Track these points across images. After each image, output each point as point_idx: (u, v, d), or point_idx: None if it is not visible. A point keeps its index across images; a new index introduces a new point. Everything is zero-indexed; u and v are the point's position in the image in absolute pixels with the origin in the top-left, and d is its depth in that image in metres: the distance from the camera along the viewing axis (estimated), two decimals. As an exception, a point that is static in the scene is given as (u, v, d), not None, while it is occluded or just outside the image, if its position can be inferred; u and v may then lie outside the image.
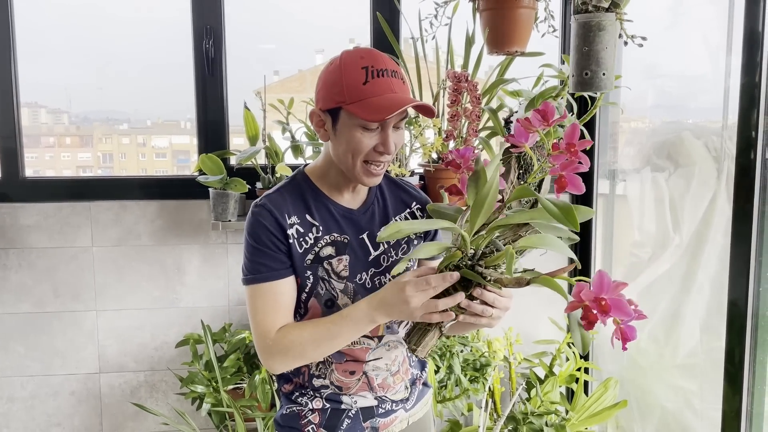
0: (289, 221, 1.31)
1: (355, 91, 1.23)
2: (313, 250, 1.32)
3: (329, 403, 1.41)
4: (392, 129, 1.27)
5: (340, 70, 1.25)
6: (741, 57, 1.67)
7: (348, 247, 1.34)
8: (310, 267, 1.32)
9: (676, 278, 2.16)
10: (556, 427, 2.10)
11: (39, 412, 2.41)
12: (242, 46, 2.50)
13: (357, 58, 1.25)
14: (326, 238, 1.33)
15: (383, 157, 1.28)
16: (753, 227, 1.67)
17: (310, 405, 1.41)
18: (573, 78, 1.47)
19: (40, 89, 2.91)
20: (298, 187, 1.36)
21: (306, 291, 1.34)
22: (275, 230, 1.29)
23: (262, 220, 1.30)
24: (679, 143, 2.18)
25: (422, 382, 1.52)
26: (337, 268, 1.34)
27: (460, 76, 2.02)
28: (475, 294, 1.15)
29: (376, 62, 1.24)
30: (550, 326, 2.44)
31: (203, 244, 2.40)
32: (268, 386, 2.13)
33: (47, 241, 2.33)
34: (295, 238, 1.31)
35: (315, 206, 1.34)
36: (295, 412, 1.42)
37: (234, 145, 2.46)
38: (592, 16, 1.42)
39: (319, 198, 1.35)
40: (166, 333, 2.42)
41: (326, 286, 1.33)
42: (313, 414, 1.41)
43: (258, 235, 1.30)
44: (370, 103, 1.22)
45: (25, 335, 2.36)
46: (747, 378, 1.71)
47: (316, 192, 1.35)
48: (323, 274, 1.33)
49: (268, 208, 1.31)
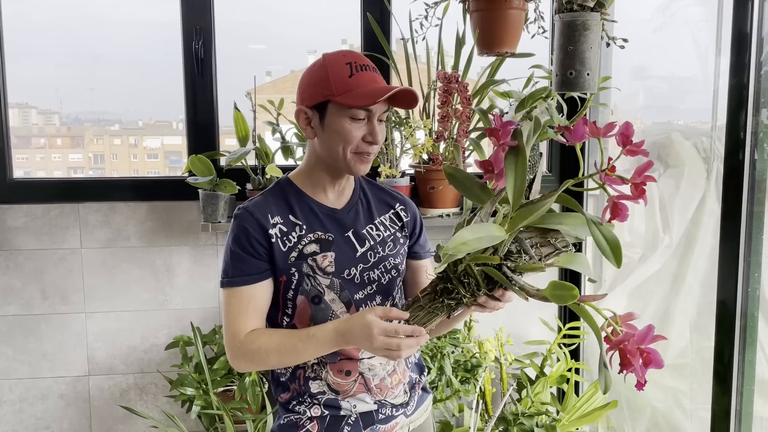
0: (272, 221, 1.34)
1: (342, 84, 1.29)
2: (296, 248, 1.35)
3: (328, 410, 1.40)
4: (377, 121, 1.33)
5: (325, 67, 1.32)
6: (730, 58, 1.68)
7: (333, 244, 1.36)
8: (294, 264, 1.35)
9: (666, 278, 2.17)
10: (546, 428, 2.10)
11: (27, 415, 2.39)
12: (233, 46, 2.49)
13: (340, 56, 1.32)
14: (310, 236, 1.36)
15: (371, 147, 1.33)
16: (742, 228, 1.67)
17: (308, 413, 1.40)
18: (557, 77, 1.47)
19: (30, 90, 2.89)
20: (281, 191, 1.40)
21: (292, 288, 1.36)
22: (256, 232, 1.33)
23: (243, 223, 1.34)
24: (668, 144, 2.19)
25: (421, 386, 1.51)
26: (322, 264, 1.36)
27: (451, 77, 2.02)
28: (497, 295, 1.19)
29: (358, 59, 1.33)
30: (541, 327, 2.44)
31: (193, 245, 2.38)
32: (258, 388, 2.12)
33: (35, 243, 2.32)
34: (278, 237, 1.34)
35: (298, 207, 1.38)
36: (292, 421, 1.41)
37: (225, 147, 2.45)
38: (577, 15, 1.41)
39: (302, 199, 1.39)
40: (155, 335, 2.41)
41: (311, 282, 1.35)
42: (311, 422, 1.40)
43: (239, 239, 1.34)
44: (357, 93, 1.29)
45: (13, 338, 2.35)
46: (736, 378, 1.71)
47: (300, 194, 1.40)
48: (308, 271, 1.35)
49: (249, 210, 1.35)
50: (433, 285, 1.24)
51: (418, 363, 1.53)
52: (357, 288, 1.38)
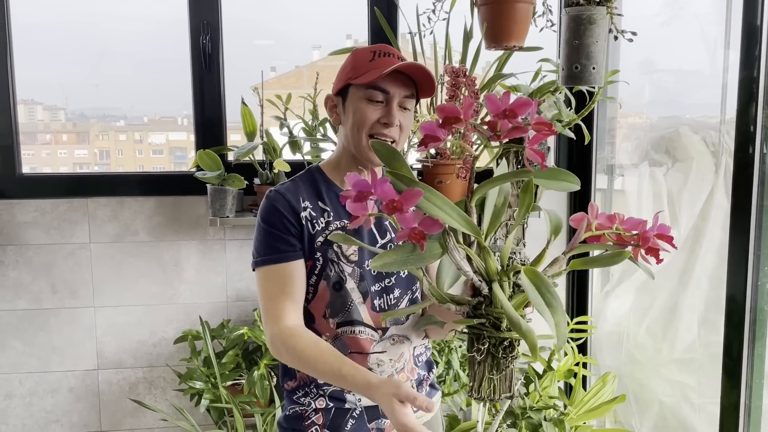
0: (302, 204, 1.36)
1: (361, 67, 1.32)
2: (324, 234, 1.36)
3: (333, 402, 1.40)
4: (398, 108, 1.34)
5: (352, 56, 1.36)
6: (739, 52, 1.67)
7: (357, 234, 1.37)
8: (320, 248, 1.36)
9: (674, 273, 2.17)
10: (554, 422, 2.10)
11: (37, 409, 2.40)
12: (239, 42, 2.50)
13: (368, 47, 1.36)
14: (336, 223, 1.37)
15: (388, 129, 1.33)
16: (751, 222, 1.67)
17: (314, 405, 1.40)
18: (563, 71, 1.47)
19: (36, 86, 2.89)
20: (311, 177, 1.42)
21: (315, 273, 1.37)
22: (289, 213, 1.34)
23: (276, 204, 1.35)
24: (676, 138, 2.18)
25: (429, 383, 1.52)
26: (347, 251, 1.37)
27: (458, 71, 2.01)
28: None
29: (385, 48, 1.36)
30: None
31: (201, 240, 2.39)
32: (267, 382, 2.12)
33: (44, 238, 2.33)
34: (308, 220, 1.36)
35: (327, 194, 1.39)
36: (298, 412, 1.42)
37: (231, 142, 2.46)
38: (583, 9, 1.42)
39: (330, 187, 1.41)
40: (164, 329, 2.42)
41: (335, 269, 1.36)
42: (316, 414, 1.40)
43: (270, 218, 1.35)
44: (372, 72, 1.30)
45: (23, 332, 2.36)
46: (745, 372, 1.71)
47: (329, 182, 1.41)
48: (333, 256, 1.36)
49: (282, 192, 1.37)
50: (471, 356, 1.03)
51: (428, 361, 1.53)
52: (374, 280, 1.39)
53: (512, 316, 0.90)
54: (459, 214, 0.91)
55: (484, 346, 0.99)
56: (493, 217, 1.00)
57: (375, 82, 1.30)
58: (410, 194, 0.86)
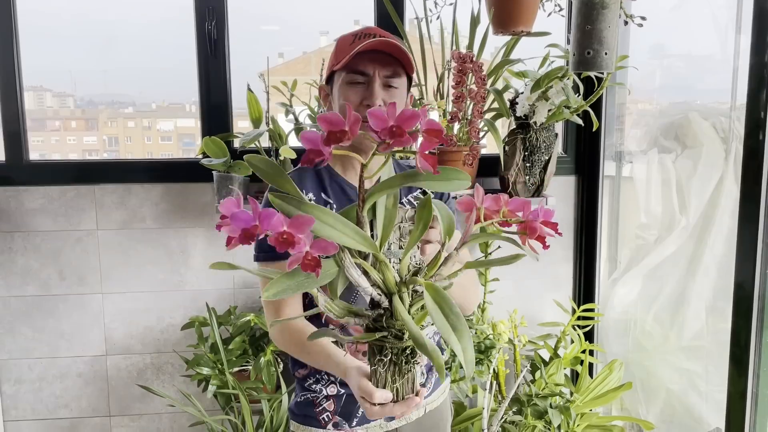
0: (306, 196, 1.36)
1: (342, 53, 1.31)
2: None
3: (344, 389, 1.40)
4: (383, 87, 1.31)
5: (336, 42, 1.36)
6: (750, 36, 1.64)
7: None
8: None
9: (682, 260, 2.15)
10: (560, 409, 2.10)
11: (47, 394, 2.43)
12: (245, 28, 2.48)
13: (352, 32, 1.34)
14: None
15: None
16: (761, 209, 1.65)
17: (325, 392, 1.41)
18: (574, 57, 1.45)
19: (45, 73, 2.90)
20: (314, 168, 1.39)
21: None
22: None
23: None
24: (686, 124, 2.16)
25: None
26: None
27: (465, 56, 2.00)
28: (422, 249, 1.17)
29: (368, 30, 1.33)
30: (555, 309, 2.43)
31: (207, 227, 2.40)
32: (273, 368, 2.13)
33: (52, 224, 2.34)
34: None
35: (330, 185, 1.39)
36: (309, 399, 1.42)
37: (239, 129, 2.45)
38: (596, -7, 1.39)
39: (333, 177, 1.40)
40: (171, 316, 2.43)
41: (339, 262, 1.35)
42: (327, 401, 1.41)
43: None
44: (350, 57, 1.29)
45: (32, 318, 2.38)
46: (753, 360, 1.70)
47: (332, 172, 1.41)
48: None
49: None
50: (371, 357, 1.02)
51: (438, 346, 1.53)
52: None
53: (416, 335, 0.85)
54: (353, 230, 0.86)
55: (386, 358, 0.97)
56: (386, 221, 0.95)
57: (351, 65, 1.29)
58: (299, 221, 0.75)
